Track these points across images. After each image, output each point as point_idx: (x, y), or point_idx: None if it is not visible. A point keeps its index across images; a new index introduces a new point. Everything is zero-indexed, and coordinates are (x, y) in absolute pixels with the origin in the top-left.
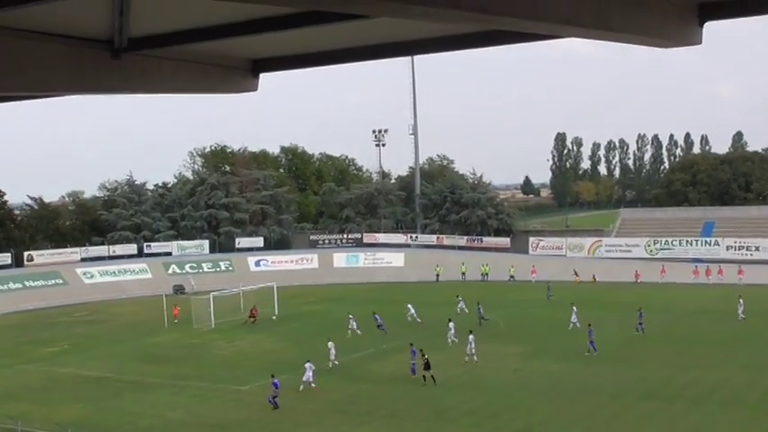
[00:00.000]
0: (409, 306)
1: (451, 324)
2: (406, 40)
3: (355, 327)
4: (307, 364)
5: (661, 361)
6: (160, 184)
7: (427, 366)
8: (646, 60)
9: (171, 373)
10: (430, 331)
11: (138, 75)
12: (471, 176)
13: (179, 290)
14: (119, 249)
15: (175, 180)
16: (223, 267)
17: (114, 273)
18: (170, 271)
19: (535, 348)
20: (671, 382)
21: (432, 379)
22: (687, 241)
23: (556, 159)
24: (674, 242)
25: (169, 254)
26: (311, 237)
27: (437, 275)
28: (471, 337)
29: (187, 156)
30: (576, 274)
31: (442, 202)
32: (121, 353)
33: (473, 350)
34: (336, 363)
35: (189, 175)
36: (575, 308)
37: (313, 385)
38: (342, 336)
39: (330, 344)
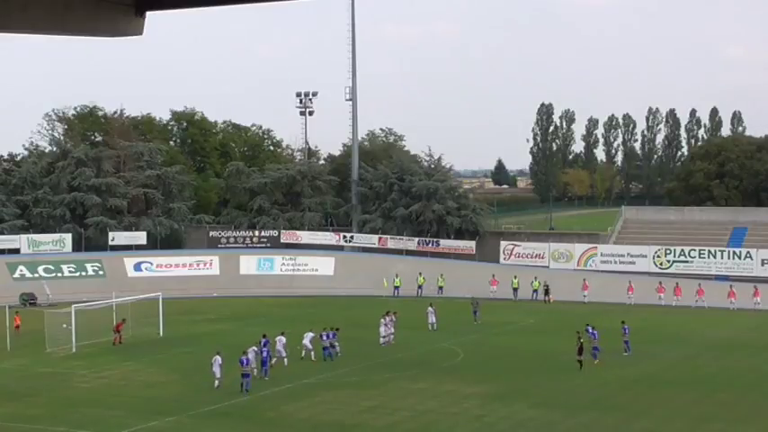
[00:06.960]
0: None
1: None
2: None
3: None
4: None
5: (671, 409)
6: (5, 157)
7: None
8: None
9: (11, 413)
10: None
11: None
12: (426, 159)
13: (28, 300)
14: None
15: (26, 152)
16: (90, 271)
17: None
18: (16, 274)
19: (504, 388)
20: None
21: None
22: (710, 252)
23: (539, 140)
24: (692, 253)
25: (16, 251)
26: (211, 233)
27: (396, 288)
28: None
29: (43, 120)
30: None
31: (386, 191)
32: None
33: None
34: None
35: (45, 145)
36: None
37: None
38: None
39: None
